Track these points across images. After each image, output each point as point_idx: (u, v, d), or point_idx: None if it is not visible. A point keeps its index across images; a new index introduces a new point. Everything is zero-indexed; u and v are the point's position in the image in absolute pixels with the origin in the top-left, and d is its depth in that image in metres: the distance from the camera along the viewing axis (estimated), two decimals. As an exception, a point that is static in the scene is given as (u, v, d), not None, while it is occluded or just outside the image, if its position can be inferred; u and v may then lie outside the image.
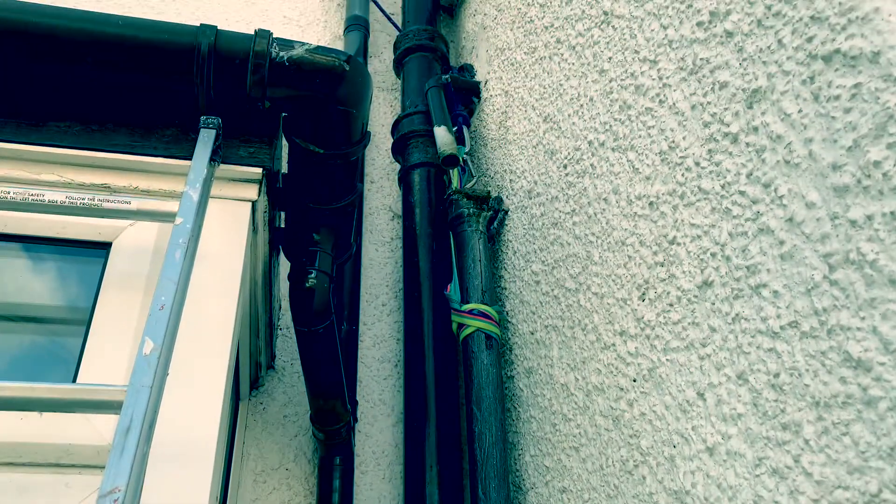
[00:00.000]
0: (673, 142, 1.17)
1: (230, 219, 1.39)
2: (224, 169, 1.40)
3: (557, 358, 1.56)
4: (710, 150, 1.07)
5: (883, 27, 0.77)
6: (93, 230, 1.32)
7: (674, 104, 1.18)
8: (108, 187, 1.37)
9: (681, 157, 1.14)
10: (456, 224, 2.03)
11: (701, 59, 1.11)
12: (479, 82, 2.45)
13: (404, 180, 2.32)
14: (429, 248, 2.12)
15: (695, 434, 1.03)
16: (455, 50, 2.82)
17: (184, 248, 1.08)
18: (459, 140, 2.24)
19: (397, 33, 2.76)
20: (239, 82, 1.38)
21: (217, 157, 1.34)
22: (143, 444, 0.86)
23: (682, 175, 1.13)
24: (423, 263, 2.09)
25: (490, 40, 2.39)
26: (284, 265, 1.71)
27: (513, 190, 2.00)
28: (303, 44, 1.39)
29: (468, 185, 2.18)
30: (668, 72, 1.20)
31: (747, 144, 0.98)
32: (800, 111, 0.88)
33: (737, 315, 0.97)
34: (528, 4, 2.03)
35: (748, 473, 0.91)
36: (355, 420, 1.98)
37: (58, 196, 1.16)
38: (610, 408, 1.29)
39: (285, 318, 2.13)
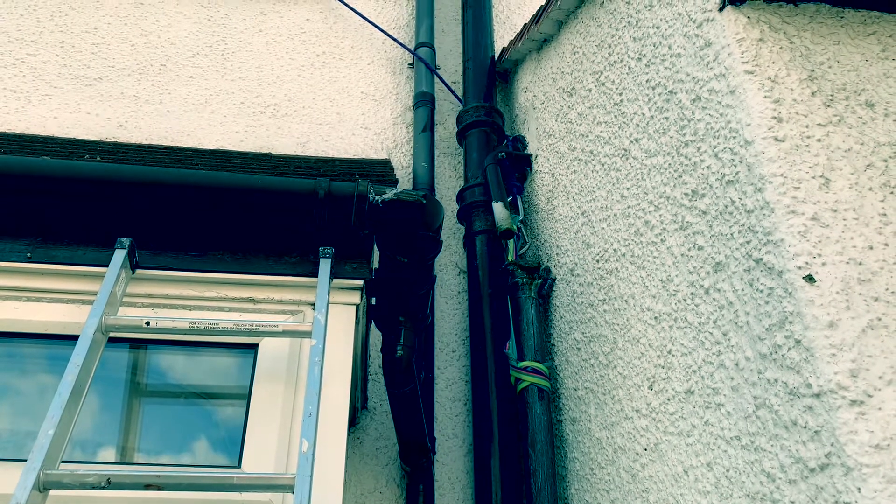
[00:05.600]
0: (669, 276, 1.58)
1: (341, 321, 1.86)
2: (335, 282, 1.87)
3: (594, 415, 1.99)
4: (692, 293, 1.48)
5: (785, 253, 1.18)
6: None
7: (670, 248, 1.59)
8: (253, 299, 1.86)
9: (675, 290, 1.56)
10: (513, 291, 2.47)
11: (687, 221, 1.52)
12: (530, 155, 2.86)
13: (468, 245, 2.77)
14: (490, 307, 2.57)
15: (682, 499, 1.45)
16: (509, 116, 3.23)
17: (319, 365, 1.55)
18: (514, 208, 2.67)
19: (459, 105, 3.20)
20: (345, 218, 1.84)
21: (332, 277, 1.81)
22: (307, 513, 1.34)
23: (676, 304, 1.55)
24: (487, 321, 2.54)
25: (538, 120, 2.80)
26: (374, 326, 2.17)
27: (559, 263, 2.42)
28: (392, 188, 1.85)
29: (522, 250, 2.61)
30: (666, 220, 1.61)
31: (714, 299, 1.39)
32: (742, 290, 1.29)
33: (707, 420, 1.39)
34: (569, 107, 2.44)
35: (711, 533, 1.33)
36: (434, 453, 2.45)
37: (227, 325, 1.64)
38: (630, 465, 1.72)
39: (374, 365, 2.60)
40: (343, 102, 3.27)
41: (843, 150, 1.28)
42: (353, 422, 2.52)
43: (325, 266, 1.79)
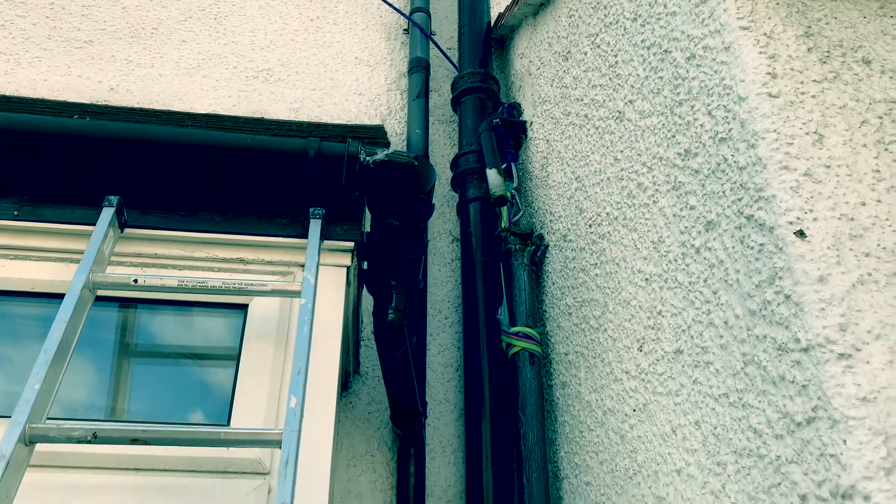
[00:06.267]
0: (660, 237, 1.57)
1: (332, 282, 1.85)
2: (326, 244, 1.85)
3: (584, 379, 1.99)
4: (683, 253, 1.47)
5: (776, 209, 1.16)
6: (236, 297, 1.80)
7: (662, 209, 1.58)
8: (243, 260, 1.85)
9: (666, 250, 1.55)
10: (506, 257, 2.46)
11: (679, 181, 1.51)
12: (526, 121, 2.84)
13: (462, 212, 2.75)
14: (483, 274, 2.56)
15: (670, 458, 1.45)
16: (505, 83, 3.20)
17: (308, 323, 1.54)
18: (508, 175, 2.65)
19: (455, 72, 3.16)
20: (336, 178, 1.82)
21: (323, 238, 1.80)
22: (294, 467, 1.33)
23: (667, 265, 1.54)
24: (479, 287, 2.53)
25: (534, 87, 2.77)
26: (366, 292, 2.16)
27: (552, 229, 2.41)
28: (383, 149, 1.83)
29: (515, 217, 2.60)
30: (659, 181, 1.60)
31: (705, 258, 1.38)
32: (733, 248, 1.28)
33: (696, 379, 1.38)
34: (565, 71, 2.41)
35: (698, 491, 1.33)
36: (425, 417, 2.45)
37: (216, 283, 1.63)
38: (619, 427, 1.72)
39: (367, 331, 2.60)
40: (337, 68, 3.23)
41: (838, 106, 1.26)
42: (345, 386, 2.52)
43: (315, 227, 1.77)
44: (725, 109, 1.34)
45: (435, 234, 2.89)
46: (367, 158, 1.81)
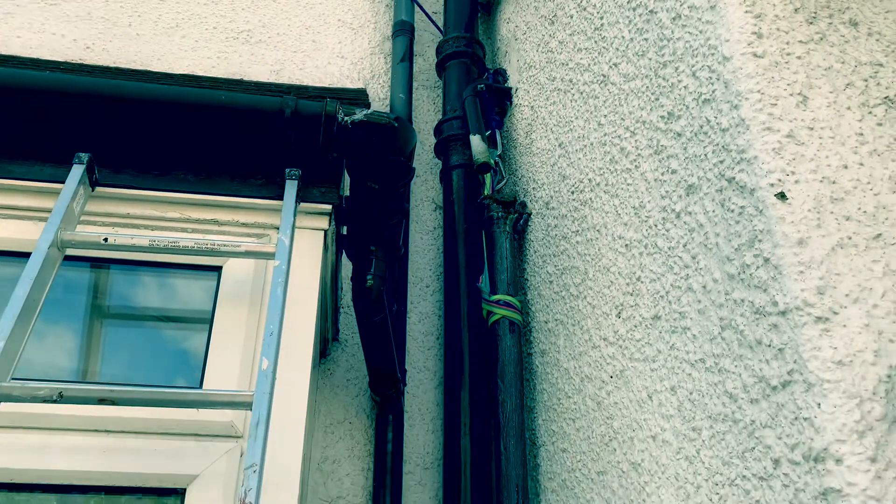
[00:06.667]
0: (641, 203, 1.55)
1: (308, 245, 1.82)
2: (303, 206, 1.82)
3: (563, 346, 1.98)
4: (664, 218, 1.45)
5: (758, 171, 1.14)
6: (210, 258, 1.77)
7: (643, 174, 1.55)
8: (217, 221, 1.81)
9: (646, 216, 1.53)
10: (488, 225, 2.43)
11: (661, 145, 1.48)
12: (511, 88, 2.79)
13: (445, 179, 2.72)
14: (465, 241, 2.53)
15: (645, 424, 1.44)
16: (491, 49, 3.15)
17: (283, 285, 1.51)
18: (492, 142, 2.61)
19: (440, 36, 3.11)
20: (313, 138, 1.78)
21: (299, 200, 1.76)
22: (264, 430, 1.31)
23: (647, 230, 1.52)
24: (461, 256, 2.50)
25: (520, 52, 2.73)
26: (346, 259, 2.14)
27: (535, 197, 2.38)
28: (362, 109, 1.79)
29: (499, 185, 2.57)
30: (641, 146, 1.57)
31: (685, 223, 1.36)
32: (714, 211, 1.26)
33: (672, 345, 1.37)
34: (551, 35, 2.37)
35: (673, 457, 1.33)
36: (404, 384, 2.44)
37: (188, 243, 1.59)
38: (595, 394, 1.71)
39: (346, 298, 2.57)
40: (319, 30, 3.17)
41: (824, 68, 1.24)
42: (324, 353, 2.50)
43: (290, 188, 1.73)
44: (710, 70, 1.31)
45: (417, 202, 2.86)
46: (346, 118, 1.77)
